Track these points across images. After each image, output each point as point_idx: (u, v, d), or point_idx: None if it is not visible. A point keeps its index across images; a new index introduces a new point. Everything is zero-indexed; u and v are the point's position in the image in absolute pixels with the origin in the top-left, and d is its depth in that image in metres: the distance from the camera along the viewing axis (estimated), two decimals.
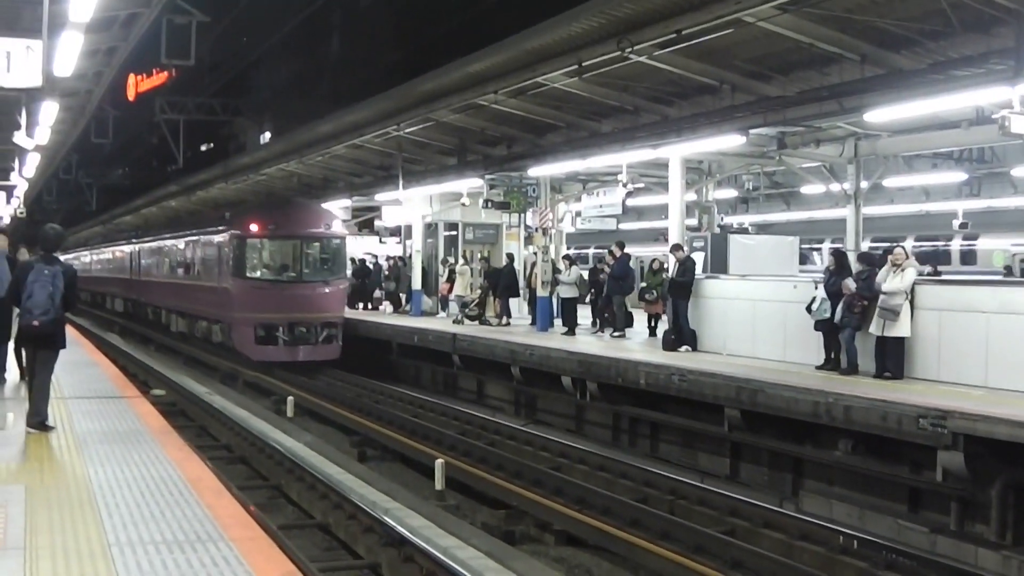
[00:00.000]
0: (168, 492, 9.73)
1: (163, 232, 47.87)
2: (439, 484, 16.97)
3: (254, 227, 32.77)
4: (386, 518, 13.68)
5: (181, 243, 41.52)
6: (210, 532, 8.39)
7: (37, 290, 12.40)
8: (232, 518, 8.94)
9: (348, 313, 35.04)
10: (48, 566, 7.40)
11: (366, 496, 15.16)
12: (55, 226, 13.63)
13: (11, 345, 16.28)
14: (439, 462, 17.22)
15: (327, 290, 32.84)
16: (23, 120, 24.06)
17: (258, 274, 32.96)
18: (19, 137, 24.57)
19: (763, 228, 38.01)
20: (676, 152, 22.72)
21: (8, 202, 39.52)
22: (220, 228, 35.11)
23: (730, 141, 20.76)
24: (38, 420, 12.92)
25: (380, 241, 46.24)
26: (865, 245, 32.21)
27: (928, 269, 29.96)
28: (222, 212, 40.55)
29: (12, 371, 16.82)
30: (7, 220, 47.67)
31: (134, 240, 54.79)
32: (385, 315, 36.25)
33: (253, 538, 8.36)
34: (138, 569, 7.39)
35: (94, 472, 10.50)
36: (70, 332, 27.74)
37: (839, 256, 19.00)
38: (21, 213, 47.64)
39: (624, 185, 25.30)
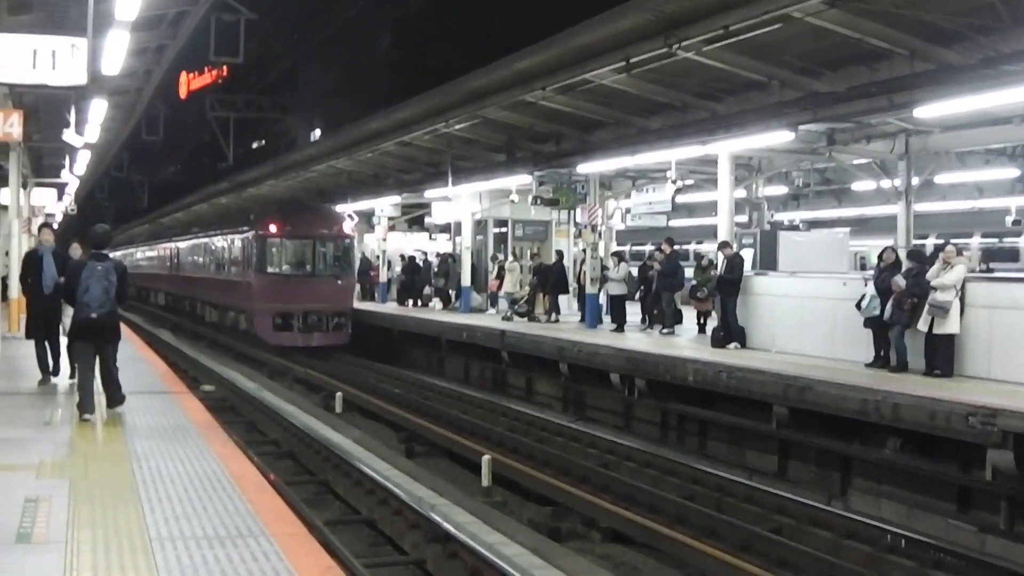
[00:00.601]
0: (211, 487, 9.78)
1: (197, 232, 51.99)
2: (486, 480, 16.98)
3: (273, 228, 37.16)
4: (432, 514, 13.71)
5: (211, 242, 46.10)
6: (251, 527, 8.42)
7: (93, 285, 13.25)
8: (274, 513, 8.96)
9: (398, 310, 36.79)
10: (88, 560, 7.44)
11: (412, 492, 15.19)
12: (103, 225, 14.47)
13: (64, 342, 16.37)
14: (485, 458, 17.23)
15: (337, 283, 37.27)
16: (72, 118, 24.23)
17: (276, 269, 37.18)
18: (69, 135, 24.73)
19: (814, 226, 37.74)
20: (725, 148, 22.62)
21: (60, 199, 39.78)
22: (244, 229, 39.50)
23: (779, 137, 20.61)
24: (119, 396, 14.35)
25: (430, 238, 46.37)
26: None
27: (981, 266, 29.67)
28: (247, 214, 43.33)
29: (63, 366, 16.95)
30: (59, 217, 48.13)
31: (173, 239, 59.10)
32: (434, 311, 36.34)
33: (294, 534, 8.37)
34: (178, 564, 7.42)
35: (138, 467, 10.56)
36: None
37: (892, 253, 18.85)
38: (72, 210, 48.17)
39: (673, 182, 25.23)
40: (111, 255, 14.60)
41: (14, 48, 10.69)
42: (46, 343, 16.92)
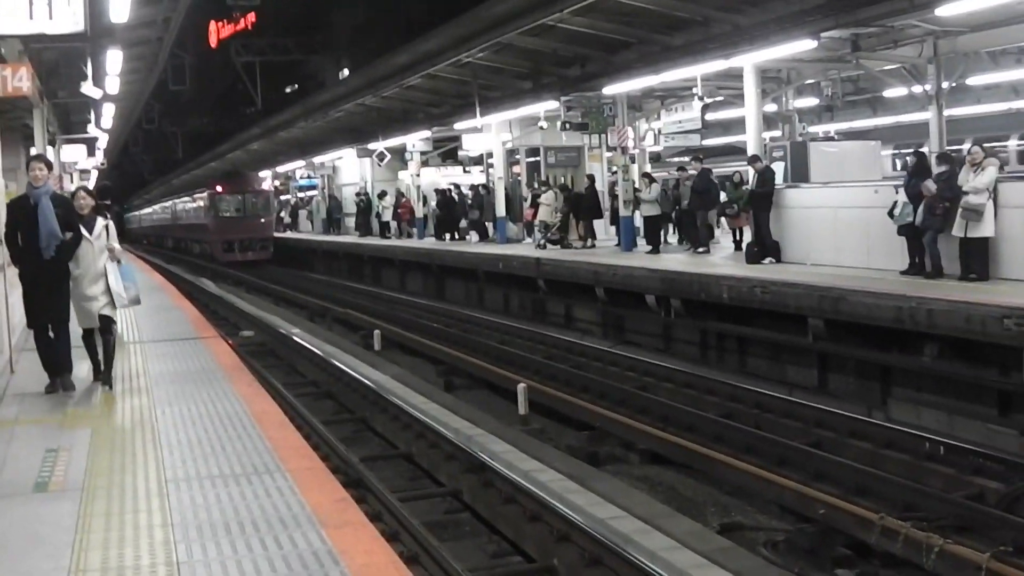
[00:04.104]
0: (232, 427, 9.85)
1: (183, 193, 72.51)
2: (522, 409, 16.95)
3: (219, 188, 57.63)
4: (465, 445, 13.69)
5: (188, 199, 67.38)
6: (268, 464, 8.50)
7: None
8: (292, 449, 9.02)
9: (436, 244, 37.91)
10: (103, 505, 7.51)
11: (449, 424, 15.16)
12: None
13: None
14: (521, 387, 17.19)
15: (261, 221, 57.08)
16: (89, 71, 24.07)
17: (222, 214, 56.73)
18: (87, 88, 24.55)
19: (849, 136, 37.14)
20: (749, 61, 22.31)
21: (91, 155, 39.52)
22: (203, 190, 60.03)
23: (802, 46, 20.22)
24: None
25: (464, 170, 46.23)
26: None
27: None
28: (207, 180, 64.62)
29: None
30: (94, 173, 48.17)
31: (171, 199, 79.02)
32: (471, 244, 36.36)
33: (311, 468, 8.44)
34: (191, 503, 7.50)
35: (161, 412, 10.65)
36: (154, 279, 28.60)
37: (919, 157, 18.55)
38: (103, 165, 48.58)
39: (700, 98, 24.98)
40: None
41: None
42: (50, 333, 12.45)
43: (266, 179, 61.90)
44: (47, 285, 12.09)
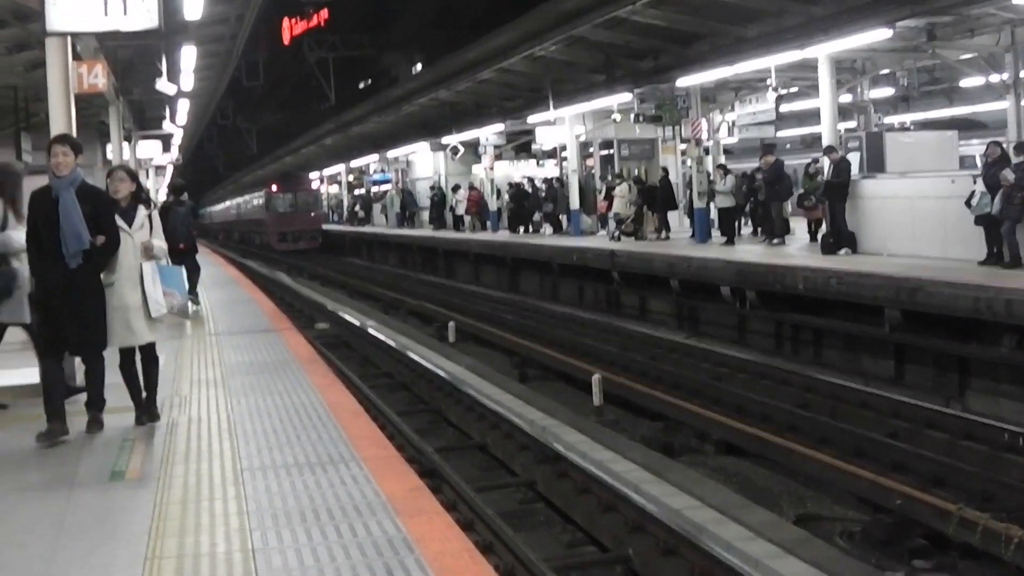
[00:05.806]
0: (307, 417, 9.90)
1: (244, 192, 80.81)
2: (597, 399, 16.92)
3: (274, 188, 64.66)
4: (540, 435, 13.70)
5: (248, 197, 76.04)
6: (343, 453, 8.52)
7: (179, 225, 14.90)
8: (366, 439, 9.04)
9: (510, 237, 37.95)
10: (179, 493, 7.58)
11: (524, 415, 15.18)
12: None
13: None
14: (596, 377, 17.18)
15: (310, 215, 64.44)
16: (163, 67, 24.33)
17: (277, 209, 63.40)
18: (161, 84, 24.78)
19: (926, 127, 36.69)
20: (823, 51, 22.16)
21: (167, 151, 39.76)
22: (261, 190, 67.51)
23: (876, 36, 20.07)
24: None
25: (538, 164, 46.19)
26: None
27: None
28: (264, 181, 71.59)
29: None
30: (169, 169, 48.67)
31: (235, 198, 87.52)
32: (545, 236, 36.38)
33: (385, 457, 8.45)
34: (266, 491, 7.53)
35: (236, 402, 10.74)
36: (229, 272, 28.83)
37: (997, 148, 18.33)
38: (178, 161, 49.03)
39: (775, 89, 24.83)
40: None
41: None
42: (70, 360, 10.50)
43: (312, 178, 71.73)
44: (68, 303, 9.27)
